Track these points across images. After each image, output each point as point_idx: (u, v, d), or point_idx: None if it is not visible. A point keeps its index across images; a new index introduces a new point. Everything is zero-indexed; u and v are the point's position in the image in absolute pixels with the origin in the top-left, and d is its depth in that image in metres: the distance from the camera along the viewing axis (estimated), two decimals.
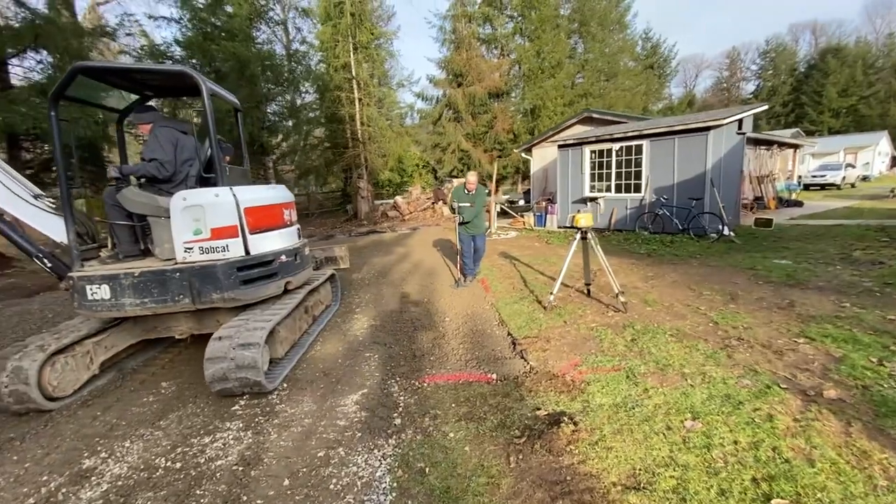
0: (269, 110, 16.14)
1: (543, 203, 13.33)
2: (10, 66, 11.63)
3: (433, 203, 19.03)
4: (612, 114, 14.34)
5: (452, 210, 6.63)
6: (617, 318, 4.71)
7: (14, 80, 11.53)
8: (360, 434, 2.90)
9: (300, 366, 4.10)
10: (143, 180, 4.05)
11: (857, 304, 4.43)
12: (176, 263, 3.72)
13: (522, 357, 3.96)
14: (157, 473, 2.65)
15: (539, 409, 3.05)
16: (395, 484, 2.40)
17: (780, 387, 2.99)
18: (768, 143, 15.54)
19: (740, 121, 9.72)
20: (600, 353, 3.86)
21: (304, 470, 2.57)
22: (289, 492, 2.40)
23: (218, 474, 2.59)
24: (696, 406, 2.86)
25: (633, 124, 11.92)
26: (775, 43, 49.14)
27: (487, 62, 25.65)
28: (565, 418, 2.86)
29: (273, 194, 4.35)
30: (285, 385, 3.71)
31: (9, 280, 8.90)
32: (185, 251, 3.74)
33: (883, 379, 2.95)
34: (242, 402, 3.45)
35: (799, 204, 14.91)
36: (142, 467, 2.72)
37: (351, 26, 20.29)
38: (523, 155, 17.02)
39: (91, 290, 3.67)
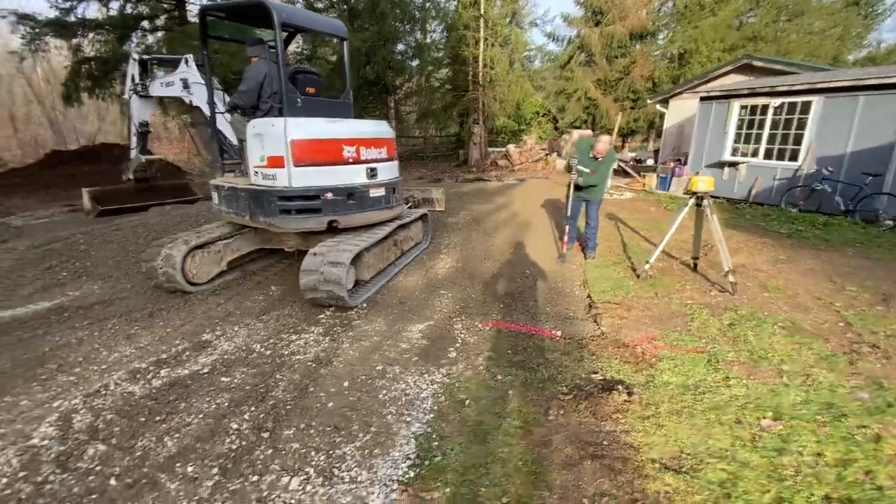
0: (396, 49, 16.48)
1: (671, 164, 11.86)
2: (187, 4, 13.49)
3: (547, 154, 18.15)
4: (782, 62, 11.75)
5: (568, 168, 5.52)
6: (720, 298, 4.17)
7: (190, 18, 13.36)
8: (416, 358, 3.13)
9: (381, 291, 4.46)
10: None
11: None
12: (248, 184, 4.21)
13: (595, 321, 3.78)
14: (253, 355, 3.20)
15: (596, 373, 2.94)
16: (435, 407, 2.58)
17: None
18: None
19: None
20: (686, 331, 3.51)
21: (363, 378, 2.88)
22: (345, 392, 2.73)
23: (296, 365, 3.04)
24: (784, 407, 2.48)
25: (804, 76, 9.68)
26: None
27: None
28: (620, 387, 2.72)
29: (336, 128, 4.24)
30: (365, 305, 4.09)
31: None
32: (255, 174, 4.18)
33: None
34: (328, 313, 3.92)
35: None
36: (243, 348, 3.31)
37: None
38: (658, 107, 15.05)
39: (213, 195, 4.55)
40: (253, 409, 2.57)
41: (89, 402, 2.63)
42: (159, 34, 13.83)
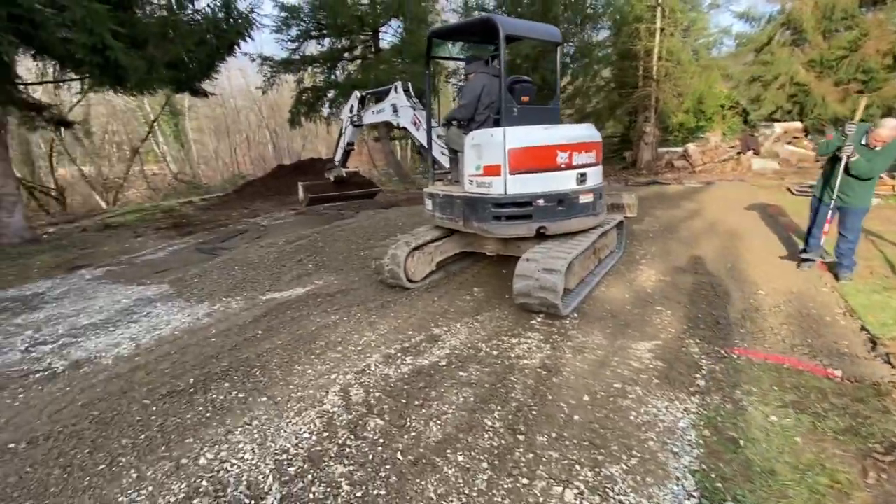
0: (564, 51, 16.17)
1: None
2: (380, 34, 15.31)
3: (739, 153, 15.62)
4: None
5: (825, 152, 4.54)
6: None
7: (382, 45, 15.14)
8: (656, 381, 2.87)
9: (587, 302, 4.29)
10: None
11: None
12: (462, 192, 4.44)
13: (889, 362, 2.97)
14: (481, 353, 3.35)
15: None
16: (700, 441, 2.30)
17: None
18: None
19: None
20: None
21: (602, 394, 2.75)
22: (588, 407, 2.63)
23: (526, 371, 3.07)
24: None
25: None
26: None
27: None
28: None
29: (551, 135, 4.23)
30: (575, 315, 3.97)
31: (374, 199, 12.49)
32: (469, 182, 4.38)
33: None
34: (539, 320, 3.91)
35: None
36: (469, 346, 3.49)
37: None
38: None
39: (426, 201, 4.97)
40: (499, 408, 2.66)
41: (359, 380, 3.06)
42: (357, 63, 16.05)
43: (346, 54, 15.99)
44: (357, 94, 7.88)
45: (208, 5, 9.07)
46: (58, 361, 3.69)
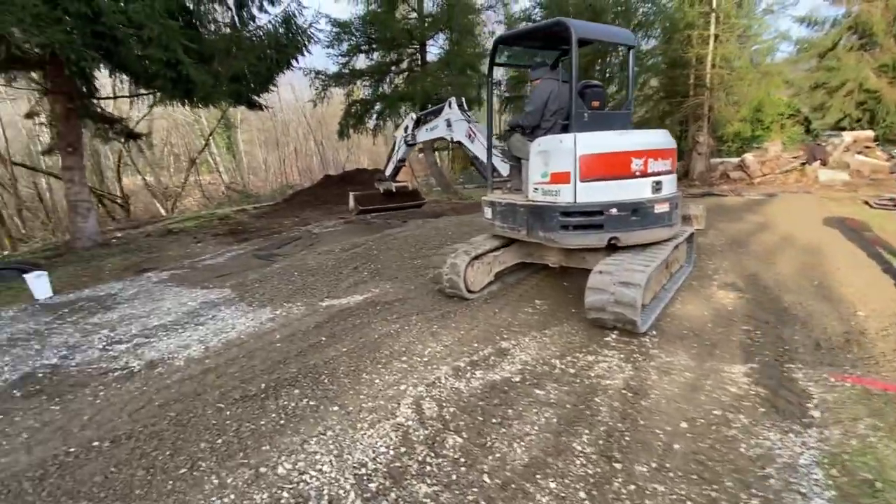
0: (611, 61, 15.85)
1: None
2: (427, 47, 15.51)
3: (803, 164, 14.66)
4: None
5: None
6: None
7: (428, 58, 15.32)
8: (762, 409, 2.59)
9: (663, 319, 4.01)
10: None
11: None
12: (526, 200, 4.29)
13: None
14: (556, 371, 3.17)
15: None
16: (830, 482, 2.02)
17: None
18: None
19: None
20: None
21: (701, 421, 2.51)
22: (688, 435, 2.40)
23: (609, 392, 2.86)
24: None
25: None
26: None
27: None
28: None
29: (625, 141, 4.04)
30: (653, 332, 3.71)
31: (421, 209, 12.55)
32: (534, 190, 4.22)
33: None
34: (613, 336, 3.67)
35: None
36: (541, 362, 3.31)
37: None
38: None
39: (485, 209, 4.86)
40: (587, 432, 2.47)
41: (430, 392, 2.95)
42: (403, 75, 16.30)
43: (393, 68, 16.28)
44: (412, 115, 8.09)
45: (269, 22, 9.48)
46: (134, 360, 3.80)
